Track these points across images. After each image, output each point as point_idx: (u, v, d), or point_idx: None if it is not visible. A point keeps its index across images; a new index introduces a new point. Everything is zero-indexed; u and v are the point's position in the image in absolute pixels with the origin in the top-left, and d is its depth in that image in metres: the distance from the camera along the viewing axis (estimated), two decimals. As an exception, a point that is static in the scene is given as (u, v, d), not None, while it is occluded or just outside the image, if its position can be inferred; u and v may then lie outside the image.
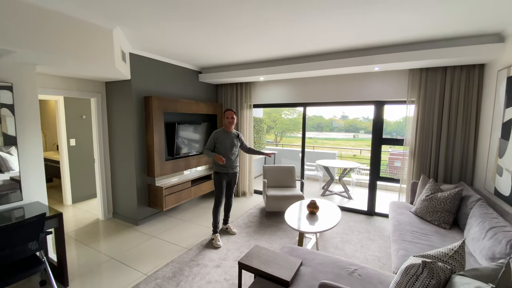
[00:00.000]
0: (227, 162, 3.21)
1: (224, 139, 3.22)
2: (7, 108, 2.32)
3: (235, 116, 3.30)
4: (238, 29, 2.64)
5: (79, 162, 4.55)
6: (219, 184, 3.25)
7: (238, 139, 3.37)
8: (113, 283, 2.44)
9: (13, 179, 2.42)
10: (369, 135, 13.29)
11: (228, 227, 3.49)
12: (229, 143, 3.24)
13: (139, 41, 3.09)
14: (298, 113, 18.28)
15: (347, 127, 31.22)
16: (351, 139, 29.08)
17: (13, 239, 1.86)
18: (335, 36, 2.85)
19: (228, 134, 3.27)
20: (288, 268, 1.84)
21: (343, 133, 30.98)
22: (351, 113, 32.07)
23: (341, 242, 3.24)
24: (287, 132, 20.17)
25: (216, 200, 3.26)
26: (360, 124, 30.89)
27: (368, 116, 29.60)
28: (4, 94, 2.29)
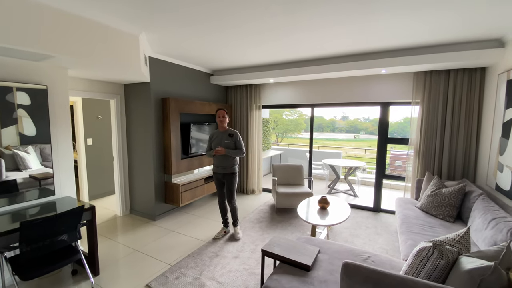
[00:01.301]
0: (217, 161, 3.26)
1: (216, 138, 3.28)
2: (24, 109, 2.38)
3: (227, 115, 3.27)
4: (252, 34, 2.81)
5: (96, 160, 4.73)
6: (215, 184, 3.42)
7: (231, 138, 3.26)
8: (140, 271, 2.61)
9: (32, 176, 2.49)
10: (370, 135, 13.53)
11: (235, 230, 3.39)
12: (221, 141, 3.24)
13: (159, 45, 3.27)
14: (299, 114, 18.43)
15: (348, 127, 31.43)
16: (352, 140, 29.28)
17: (58, 228, 2.04)
18: (345, 41, 3.04)
19: (221, 133, 3.28)
20: (308, 255, 2.01)
21: (344, 134, 31.18)
22: (352, 113, 32.26)
23: (350, 236, 3.42)
24: (288, 133, 20.34)
25: (218, 198, 3.45)
26: (361, 125, 31.11)
27: (369, 116, 29.78)
28: (21, 96, 2.36)
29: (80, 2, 2.07)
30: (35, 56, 2.18)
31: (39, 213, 2.32)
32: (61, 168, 2.72)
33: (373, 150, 12.48)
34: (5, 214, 2.24)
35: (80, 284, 2.44)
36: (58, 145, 2.69)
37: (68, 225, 2.11)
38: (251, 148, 5.17)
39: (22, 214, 2.27)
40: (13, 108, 2.30)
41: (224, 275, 2.54)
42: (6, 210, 2.31)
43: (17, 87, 2.32)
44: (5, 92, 2.24)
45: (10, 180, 2.36)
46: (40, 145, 2.52)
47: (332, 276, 1.81)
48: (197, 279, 2.47)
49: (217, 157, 3.23)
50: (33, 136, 2.46)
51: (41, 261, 2.04)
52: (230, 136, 3.26)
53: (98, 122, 4.76)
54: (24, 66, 2.40)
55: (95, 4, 2.11)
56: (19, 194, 2.42)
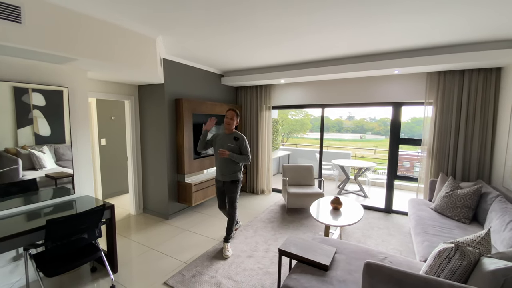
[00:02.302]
0: (218, 166, 3.03)
1: (220, 140, 2.99)
2: (39, 110, 2.42)
3: (236, 118, 2.98)
4: (264, 35, 2.83)
5: (109, 160, 4.82)
6: (216, 192, 3.20)
7: (236, 142, 2.94)
8: (157, 269, 2.67)
9: (48, 176, 2.54)
10: (377, 136, 13.39)
11: (224, 246, 2.98)
12: (223, 144, 2.95)
13: (173, 47, 3.33)
14: (305, 114, 18.38)
15: (354, 128, 31.18)
16: (358, 140, 29.04)
17: (81, 226, 2.10)
18: (357, 42, 3.04)
19: (225, 136, 3.00)
20: (325, 255, 2.03)
21: (350, 134, 30.96)
22: (358, 113, 31.94)
23: (362, 236, 3.42)
24: (294, 133, 20.30)
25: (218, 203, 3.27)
26: (367, 125, 30.84)
27: (375, 116, 29.46)
28: (36, 97, 2.40)
29: (103, 6, 2.14)
30: (59, 59, 2.25)
31: (61, 212, 2.39)
32: (80, 167, 2.79)
33: (383, 150, 12.42)
34: (29, 213, 2.31)
35: (99, 281, 2.50)
36: (78, 145, 2.76)
37: (90, 223, 2.17)
38: (261, 149, 5.21)
39: (45, 213, 2.34)
40: (29, 109, 2.36)
41: (240, 274, 2.58)
42: (29, 208, 2.39)
43: (32, 89, 2.36)
44: (21, 93, 2.29)
45: (30, 179, 2.43)
46: (54, 145, 2.58)
47: (351, 276, 1.83)
48: (213, 278, 2.51)
49: (218, 163, 2.99)
50: (47, 136, 2.51)
51: (64, 258, 2.11)
52: (235, 139, 2.96)
53: (112, 122, 4.86)
54: (47, 69, 2.48)
55: (117, 8, 2.17)
56: (39, 193, 2.49)
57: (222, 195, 3.14)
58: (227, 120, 2.98)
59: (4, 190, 2.25)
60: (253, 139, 5.26)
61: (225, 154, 2.83)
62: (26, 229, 1.93)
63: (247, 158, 2.96)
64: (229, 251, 2.94)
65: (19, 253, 2.38)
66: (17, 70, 2.28)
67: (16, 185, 2.34)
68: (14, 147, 2.28)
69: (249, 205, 4.66)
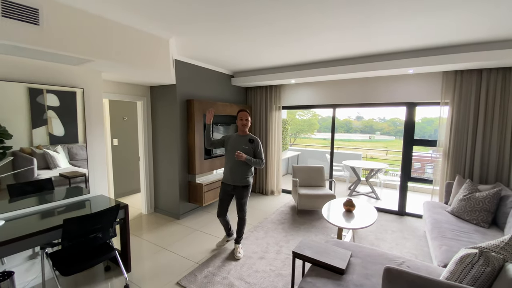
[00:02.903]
0: (229, 169, 2.82)
1: (234, 142, 2.83)
2: (53, 111, 2.46)
3: (250, 118, 2.89)
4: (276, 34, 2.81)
5: (121, 160, 4.89)
6: (220, 195, 2.95)
7: (251, 144, 2.83)
8: (169, 269, 2.68)
9: (62, 175, 2.58)
10: (386, 136, 13.20)
11: (235, 248, 2.97)
12: (237, 146, 2.79)
13: (185, 48, 3.34)
14: (313, 114, 18.26)
15: (362, 128, 30.75)
16: (367, 141, 28.64)
17: (97, 225, 2.12)
18: (372, 40, 2.98)
19: (240, 137, 2.86)
20: (340, 258, 2.00)
21: (359, 134, 30.55)
22: (367, 114, 31.49)
23: (376, 240, 3.35)
24: (301, 133, 20.17)
25: (217, 212, 3.01)
26: (376, 125, 30.38)
27: (385, 117, 29.01)
28: (51, 98, 2.44)
29: (118, 8, 2.16)
30: (75, 61, 2.28)
31: (76, 211, 2.42)
32: (94, 167, 2.83)
33: (395, 151, 12.20)
34: (45, 212, 2.35)
35: (113, 280, 2.53)
36: (93, 145, 2.80)
37: (105, 222, 2.19)
38: (270, 149, 5.18)
39: (61, 212, 2.38)
40: (43, 109, 2.40)
41: (252, 275, 2.56)
42: (45, 207, 2.43)
43: (47, 90, 2.40)
44: (36, 94, 2.33)
45: (45, 178, 2.47)
46: (68, 145, 2.61)
47: (368, 280, 1.79)
48: (225, 279, 2.50)
49: (230, 166, 2.82)
50: (61, 136, 2.55)
51: (80, 257, 2.13)
52: (250, 142, 2.84)
53: (124, 123, 4.92)
54: (63, 70, 2.52)
55: (131, 9, 2.19)
56: (54, 192, 2.53)
57: (228, 200, 2.93)
58: (241, 122, 2.84)
59: (20, 189, 2.30)
60: (262, 139, 5.24)
61: (242, 157, 2.66)
62: (43, 228, 1.97)
63: (262, 162, 2.84)
64: (240, 252, 2.92)
65: (35, 252, 2.42)
66: (34, 71, 2.33)
67: (32, 184, 2.38)
68: (29, 147, 2.32)
69: (259, 205, 4.64)
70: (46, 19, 1.90)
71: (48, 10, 1.91)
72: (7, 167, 2.20)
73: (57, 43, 1.98)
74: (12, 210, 2.23)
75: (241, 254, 2.91)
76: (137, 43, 2.57)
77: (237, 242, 3.00)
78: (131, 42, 2.52)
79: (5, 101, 2.14)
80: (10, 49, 1.88)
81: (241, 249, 2.97)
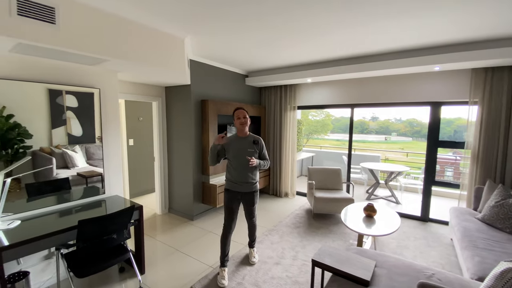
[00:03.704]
0: (237, 176, 2.51)
1: (235, 145, 2.52)
2: (72, 111, 2.49)
3: (248, 116, 2.59)
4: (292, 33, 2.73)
5: (136, 160, 4.92)
6: (226, 205, 2.56)
7: (256, 146, 2.58)
8: (183, 272, 2.62)
9: (80, 174, 2.61)
10: (403, 137, 12.78)
11: (250, 252, 2.85)
12: (241, 150, 2.52)
13: (199, 48, 3.29)
14: (326, 114, 17.96)
15: (378, 129, 29.93)
16: (383, 142, 27.86)
17: (112, 226, 2.09)
18: (394, 36, 2.82)
19: (241, 140, 2.56)
20: (364, 268, 1.86)
21: (374, 135, 29.76)
22: (382, 114, 30.68)
23: (398, 247, 3.17)
24: (314, 134, 19.86)
25: (224, 225, 2.58)
26: (392, 126, 29.49)
27: (401, 117, 28.15)
28: (69, 99, 2.47)
29: (134, 7, 2.12)
30: (91, 60, 2.27)
31: (93, 211, 2.41)
32: (110, 167, 2.83)
33: (415, 153, 11.75)
34: (62, 211, 2.36)
35: (127, 281, 2.50)
36: (109, 146, 2.80)
37: (120, 224, 2.16)
38: (285, 150, 5.06)
39: (77, 211, 2.37)
40: (63, 110, 2.43)
41: (267, 281, 2.46)
42: (62, 207, 2.44)
43: (66, 91, 2.43)
44: (56, 95, 2.37)
45: (63, 178, 2.49)
46: (85, 145, 2.64)
47: (396, 294, 1.65)
48: (240, 284, 2.41)
49: (238, 172, 2.50)
50: (79, 136, 2.58)
51: (95, 259, 2.11)
52: (254, 143, 2.57)
53: (139, 123, 4.95)
54: (80, 70, 2.53)
55: (148, 8, 2.15)
56: (71, 192, 2.55)
57: (237, 210, 2.59)
58: (240, 121, 2.51)
59: (38, 189, 2.32)
60: (276, 140, 5.13)
61: (254, 163, 2.42)
62: (59, 228, 1.95)
63: (268, 163, 2.66)
64: (255, 256, 2.83)
65: (50, 252, 2.43)
66: (52, 72, 2.34)
67: (49, 183, 2.40)
68: (49, 147, 2.36)
69: (273, 208, 4.53)
70: (62, 18, 1.89)
71: (64, 9, 1.90)
72: (27, 167, 2.21)
73: (73, 43, 1.96)
74: (29, 209, 2.24)
75: (256, 258, 2.81)
76: (152, 42, 2.54)
77: (251, 246, 2.89)
78: (147, 41, 2.49)
79: (26, 102, 2.18)
80: (27, 49, 1.88)
81: (256, 253, 2.87)
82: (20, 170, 2.15)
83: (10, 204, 2.13)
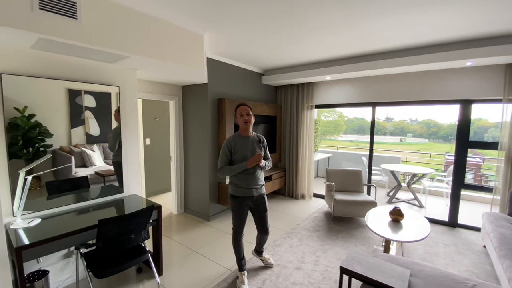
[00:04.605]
0: (248, 180, 2.28)
1: (242, 147, 2.28)
2: (90, 111, 2.50)
3: (252, 113, 2.33)
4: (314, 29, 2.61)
5: (152, 159, 4.92)
6: (238, 213, 2.33)
7: (261, 145, 2.39)
8: (201, 274, 2.55)
9: (97, 173, 2.60)
10: (419, 139, 12.37)
11: (264, 258, 2.70)
12: (250, 150, 2.29)
13: (217, 45, 3.22)
14: (339, 115, 17.66)
15: (393, 130, 29.12)
16: (398, 143, 27.09)
17: (131, 226, 2.04)
18: (423, 29, 2.65)
19: (246, 140, 2.32)
20: (398, 278, 1.72)
21: (389, 137, 28.96)
22: (397, 115, 29.88)
23: (427, 254, 2.97)
24: (327, 135, 19.53)
25: (235, 231, 2.39)
26: (408, 127, 28.62)
27: (417, 118, 27.28)
28: (88, 99, 2.47)
29: (153, 2, 2.08)
30: (111, 57, 2.23)
31: (111, 210, 2.38)
32: (129, 166, 2.79)
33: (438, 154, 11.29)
34: (81, 210, 2.33)
35: (145, 282, 2.45)
36: (127, 144, 2.77)
37: (140, 223, 2.10)
38: (301, 151, 4.93)
39: (96, 210, 2.34)
40: (81, 110, 2.44)
41: (289, 287, 2.35)
42: (81, 206, 2.42)
43: (85, 91, 2.44)
44: (75, 95, 2.38)
45: (82, 176, 2.49)
46: (103, 144, 2.64)
47: (438, 308, 1.50)
48: (260, 290, 2.31)
49: (249, 174, 2.28)
50: (97, 135, 2.59)
51: (114, 259, 2.06)
52: (260, 142, 2.38)
53: (156, 123, 4.95)
54: (99, 68, 2.51)
55: (167, 3, 2.09)
56: (90, 191, 2.53)
57: (246, 217, 2.39)
58: (243, 118, 2.26)
59: (58, 187, 2.32)
60: (293, 140, 5.01)
61: (262, 162, 2.26)
62: (79, 227, 1.91)
63: (271, 164, 2.49)
64: (270, 258, 2.74)
65: (70, 251, 2.41)
66: (72, 69, 2.33)
67: (69, 182, 2.40)
68: (68, 146, 2.37)
69: (289, 210, 4.41)
70: (84, 13, 1.85)
71: (86, 3, 1.86)
72: (48, 165, 2.21)
73: (95, 38, 1.92)
74: (49, 208, 2.22)
75: (271, 260, 2.73)
76: (172, 38, 2.49)
77: (261, 253, 2.71)
78: (166, 38, 2.44)
79: (46, 102, 2.19)
80: (49, 45, 1.86)
81: (267, 255, 2.78)
82: (40, 169, 2.15)
83: (30, 202, 2.13)
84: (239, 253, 2.42)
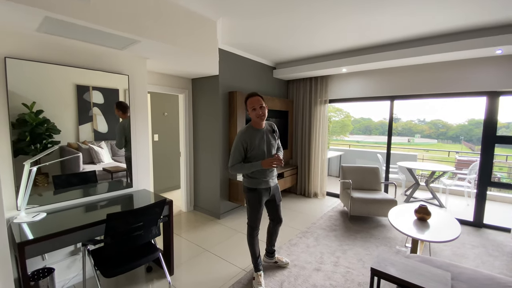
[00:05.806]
0: (266, 172, 2.17)
1: (257, 141, 2.12)
2: (98, 108, 2.43)
3: (265, 104, 2.14)
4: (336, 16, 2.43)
5: (161, 156, 4.80)
6: (255, 206, 2.19)
7: (274, 135, 2.27)
8: (215, 275, 2.40)
9: (105, 169, 2.51)
10: (427, 139, 12.05)
11: (278, 259, 2.54)
12: (266, 143, 2.16)
13: (229, 35, 3.08)
14: (346, 115, 17.38)
15: (400, 130, 28.62)
16: (405, 144, 26.62)
17: (141, 221, 1.90)
18: (450, 15, 2.46)
19: (260, 133, 2.16)
20: (439, 281, 1.54)
21: (396, 137, 28.45)
22: (404, 115, 29.38)
23: (454, 255, 2.77)
24: (334, 135, 19.27)
25: (251, 227, 2.25)
26: (415, 128, 28.10)
27: (425, 118, 26.74)
28: (96, 95, 2.39)
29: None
30: (122, 42, 2.10)
31: (120, 205, 2.25)
32: (138, 161, 2.67)
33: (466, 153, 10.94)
34: (88, 205, 2.21)
35: (154, 282, 2.31)
36: (137, 138, 2.64)
37: (150, 219, 1.96)
38: (314, 147, 4.75)
39: (104, 205, 2.22)
40: (89, 106, 2.37)
41: (309, 290, 2.18)
42: (88, 200, 2.31)
43: (93, 87, 2.37)
44: (83, 91, 2.31)
45: (90, 170, 2.41)
46: (110, 141, 2.57)
47: (492, 317, 1.32)
48: (279, 292, 2.15)
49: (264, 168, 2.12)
50: (105, 132, 2.52)
51: (123, 257, 1.92)
52: (274, 132, 2.27)
53: (164, 118, 4.83)
54: (109, 55, 2.39)
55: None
56: (98, 186, 2.44)
57: (262, 210, 2.25)
58: (256, 112, 2.08)
59: (65, 181, 2.23)
60: (305, 136, 4.83)
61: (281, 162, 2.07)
62: (86, 222, 1.78)
63: (282, 152, 2.37)
64: (284, 257, 2.60)
65: (76, 247, 2.28)
66: (81, 56, 2.22)
67: (77, 176, 2.32)
68: (76, 142, 2.31)
69: (302, 209, 4.23)
70: (94, -8, 1.72)
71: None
72: (55, 160, 2.10)
73: (104, 19, 1.79)
74: (56, 202, 2.10)
75: (285, 258, 2.60)
76: (184, 23, 2.34)
77: (273, 254, 2.54)
78: (179, 22, 2.30)
79: (55, 99, 2.14)
80: (55, 27, 1.73)
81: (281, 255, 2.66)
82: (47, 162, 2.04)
83: (36, 197, 2.03)
84: (255, 251, 2.27)
